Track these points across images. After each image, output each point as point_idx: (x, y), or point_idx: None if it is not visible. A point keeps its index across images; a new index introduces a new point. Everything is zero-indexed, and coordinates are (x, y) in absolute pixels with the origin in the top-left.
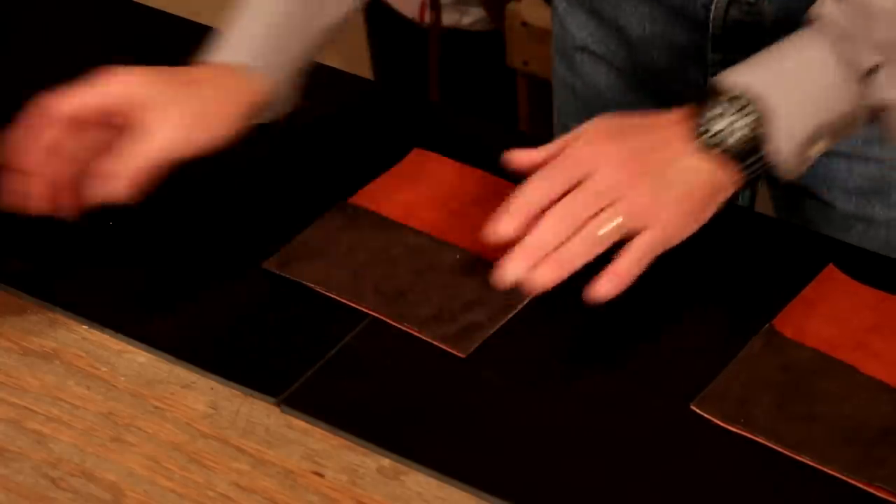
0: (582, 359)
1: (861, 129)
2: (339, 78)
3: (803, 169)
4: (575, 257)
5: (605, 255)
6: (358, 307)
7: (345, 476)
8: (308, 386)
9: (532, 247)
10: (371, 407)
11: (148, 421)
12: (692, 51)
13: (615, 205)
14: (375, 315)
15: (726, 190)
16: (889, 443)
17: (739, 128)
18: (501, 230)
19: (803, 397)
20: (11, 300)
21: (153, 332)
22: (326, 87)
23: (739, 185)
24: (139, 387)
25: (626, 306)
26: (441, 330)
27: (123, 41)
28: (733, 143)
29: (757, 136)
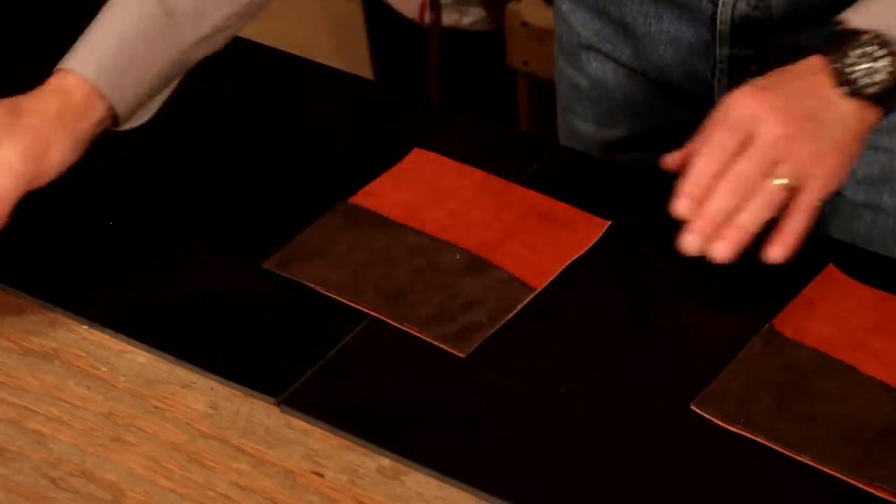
0: (582, 359)
1: None
2: (339, 78)
3: None
4: (750, 224)
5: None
6: (358, 307)
7: (345, 476)
8: (308, 386)
9: (711, 216)
10: (371, 407)
11: (148, 421)
12: (699, 46)
13: (781, 164)
14: (375, 315)
15: (869, 131)
16: (889, 443)
17: (878, 70)
18: (682, 211)
19: (803, 397)
20: (11, 300)
21: (153, 332)
22: (326, 87)
23: (878, 124)
24: (139, 387)
25: (627, 306)
26: (441, 330)
27: None
28: (875, 87)
29: (894, 75)
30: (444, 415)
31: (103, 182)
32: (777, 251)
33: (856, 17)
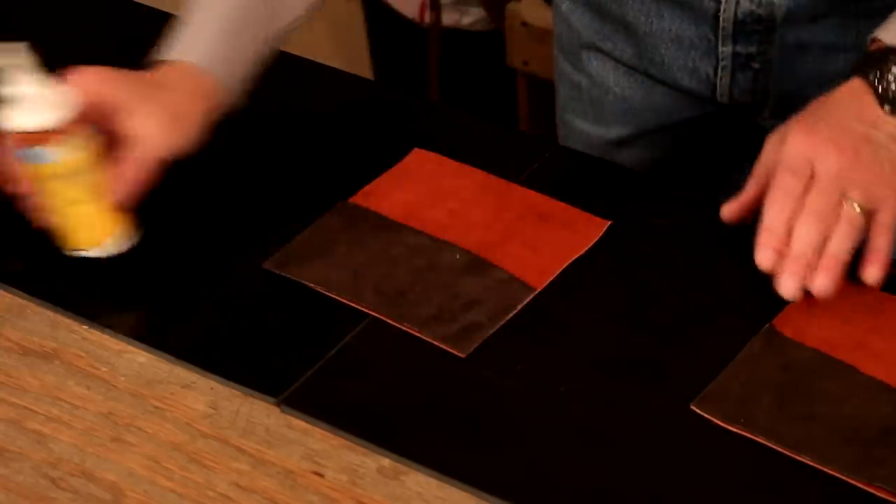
0: (582, 359)
1: None
2: (339, 78)
3: None
4: (840, 252)
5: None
6: (358, 307)
7: (345, 476)
8: (308, 386)
9: (798, 258)
10: (371, 407)
11: (148, 421)
12: (701, 44)
13: (849, 192)
14: (375, 315)
15: None
16: (889, 443)
17: None
18: (765, 263)
19: (803, 397)
20: (11, 300)
21: (153, 332)
22: (326, 87)
23: None
24: (139, 387)
25: (627, 306)
26: (441, 330)
27: (123, 41)
28: None
29: None
30: (444, 415)
31: None
32: (873, 271)
33: (889, 35)
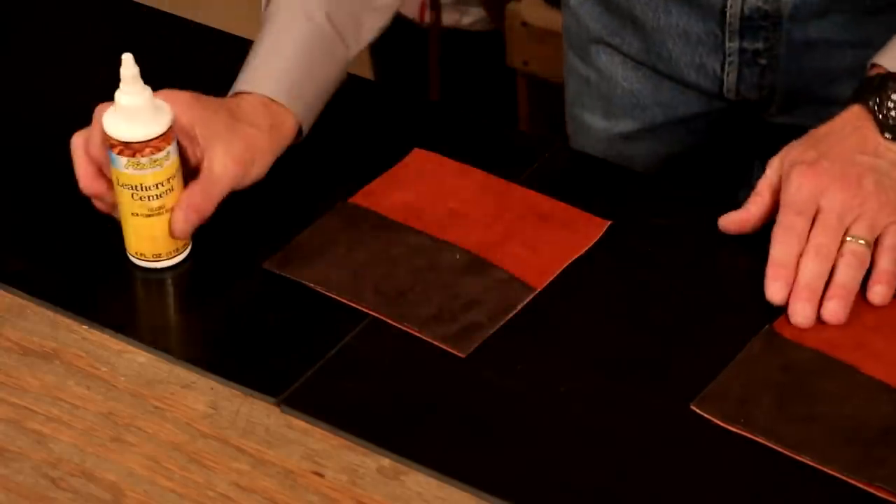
0: (582, 359)
1: None
2: None
3: None
4: (848, 282)
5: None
6: (358, 307)
7: (345, 476)
8: (308, 386)
9: (805, 290)
10: (371, 407)
11: (148, 421)
12: (708, 40)
13: (854, 225)
14: (375, 315)
15: None
16: (889, 443)
17: None
18: (777, 298)
19: (803, 398)
20: (11, 300)
21: (153, 332)
22: None
23: None
24: (139, 387)
25: (627, 306)
26: (441, 330)
27: (123, 41)
28: None
29: None
30: (444, 415)
31: None
32: (880, 290)
33: (888, 61)
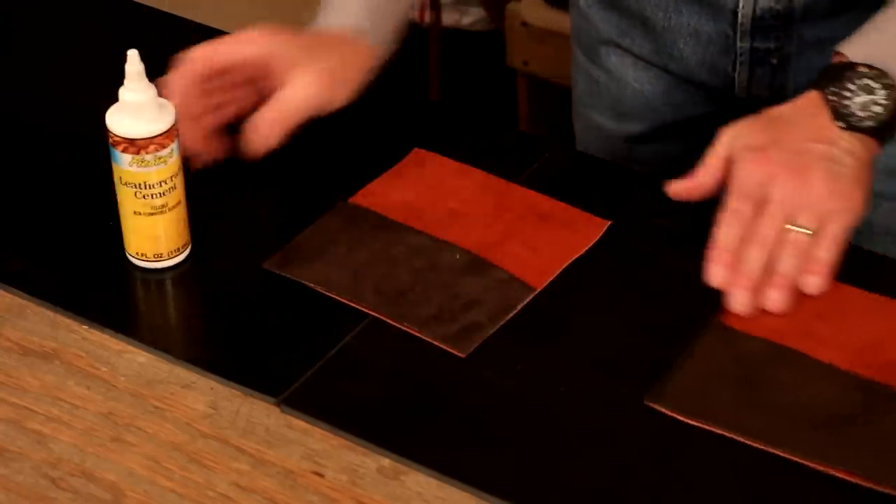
0: (582, 359)
1: None
2: None
3: None
4: (790, 271)
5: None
6: (358, 307)
7: (345, 476)
8: (308, 386)
9: (745, 277)
10: (371, 407)
11: (148, 421)
12: (720, 40)
13: (799, 214)
14: (375, 315)
15: (872, 157)
16: (848, 425)
17: (876, 102)
18: (716, 281)
19: (759, 387)
20: (11, 300)
21: (153, 332)
22: None
23: (881, 150)
24: (139, 387)
25: (627, 307)
26: (441, 330)
27: (123, 41)
28: (872, 121)
29: (893, 107)
30: (444, 415)
31: (103, 182)
32: (812, 280)
33: (853, 51)
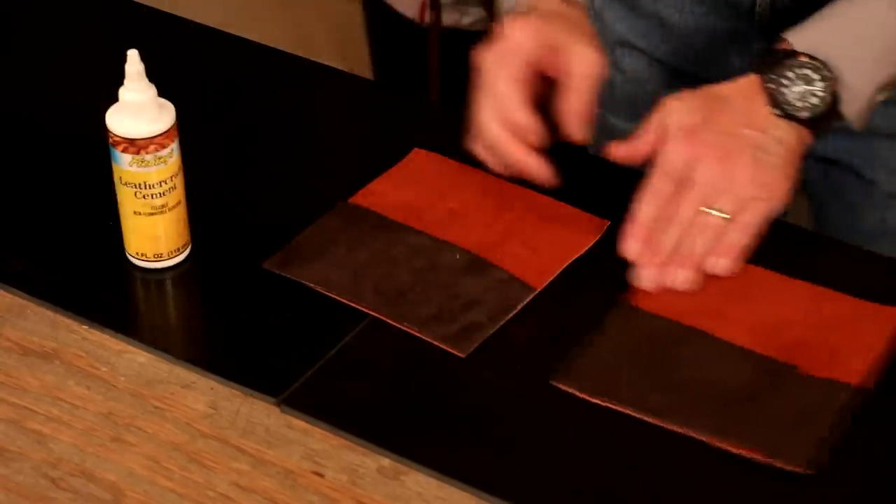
0: None
1: None
2: (339, 78)
3: (868, 116)
4: (698, 251)
5: None
6: (358, 307)
7: (345, 476)
8: (308, 386)
9: (657, 253)
10: (371, 407)
11: (148, 421)
12: (736, 39)
13: (719, 199)
14: (375, 315)
15: (804, 147)
16: (748, 402)
17: (813, 93)
18: (630, 253)
19: (664, 366)
20: (11, 300)
21: (153, 332)
22: (326, 87)
23: (813, 141)
24: (139, 387)
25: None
26: (441, 330)
27: (123, 41)
28: (808, 112)
29: (830, 99)
30: (444, 415)
31: (103, 182)
32: (720, 262)
33: (797, 39)
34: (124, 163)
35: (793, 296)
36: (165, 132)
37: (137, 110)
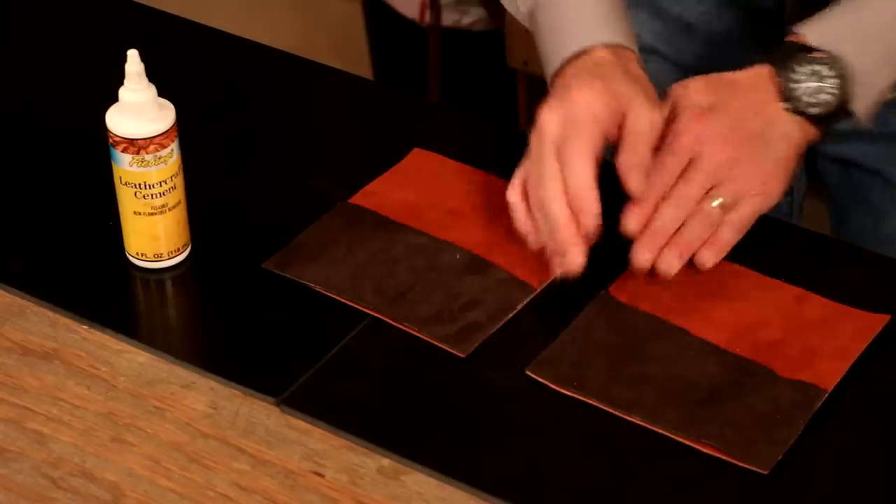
0: None
1: None
2: (339, 78)
3: (875, 113)
4: (692, 240)
5: None
6: (358, 307)
7: (345, 476)
8: (308, 386)
9: (656, 233)
10: (371, 407)
11: (148, 421)
12: (764, 47)
13: (721, 185)
14: (375, 315)
15: (809, 143)
16: (716, 401)
17: (825, 90)
18: (631, 227)
19: (635, 360)
20: (11, 300)
21: (153, 332)
22: (326, 87)
23: (819, 138)
24: (139, 387)
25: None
26: (441, 330)
27: (123, 41)
28: (819, 108)
29: (841, 97)
30: (444, 415)
31: (103, 182)
32: (707, 256)
33: (811, 33)
34: (124, 163)
35: (775, 297)
36: (165, 132)
37: (137, 110)
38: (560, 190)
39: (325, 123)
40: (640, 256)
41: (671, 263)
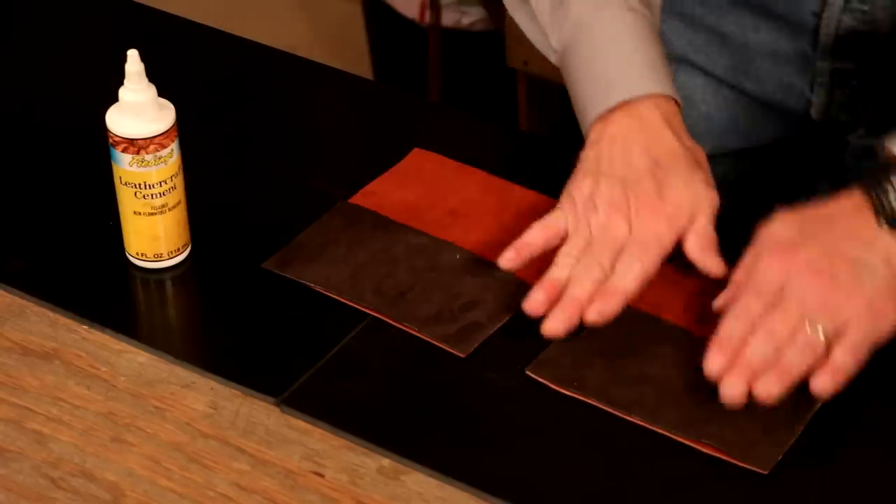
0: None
1: None
2: (339, 78)
3: None
4: (794, 366)
5: None
6: (358, 307)
7: (345, 476)
8: (308, 386)
9: (745, 367)
10: (371, 407)
11: (148, 421)
12: (798, 59)
13: (815, 317)
14: (375, 315)
15: None
16: (716, 401)
17: None
18: (713, 370)
19: (635, 360)
20: (11, 300)
21: (153, 332)
22: (326, 87)
23: None
24: (139, 387)
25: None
26: (441, 330)
27: (123, 41)
28: None
29: None
30: (444, 415)
31: (103, 182)
32: (825, 381)
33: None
34: (124, 163)
35: None
36: (165, 132)
37: (137, 110)
38: (599, 280)
39: (325, 123)
40: (730, 389)
41: (770, 389)
